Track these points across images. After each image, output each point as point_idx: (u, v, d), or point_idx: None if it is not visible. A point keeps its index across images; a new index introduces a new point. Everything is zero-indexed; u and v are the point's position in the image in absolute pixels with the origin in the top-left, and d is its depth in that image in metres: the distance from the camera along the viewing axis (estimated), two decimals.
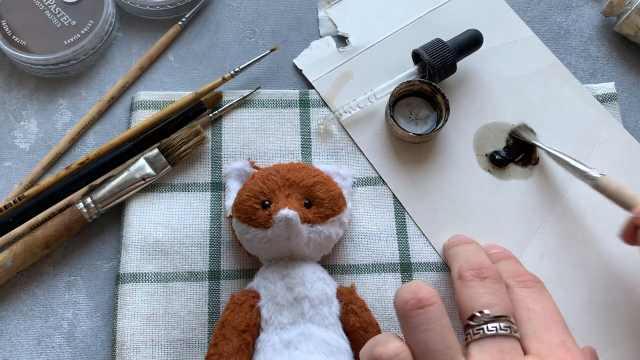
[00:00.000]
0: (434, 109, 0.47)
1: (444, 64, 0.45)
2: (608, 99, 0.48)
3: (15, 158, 0.46)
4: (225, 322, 0.36)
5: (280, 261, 0.39)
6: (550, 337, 0.33)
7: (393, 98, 0.46)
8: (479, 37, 0.47)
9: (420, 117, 0.47)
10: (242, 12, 0.52)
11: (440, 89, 0.45)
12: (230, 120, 0.47)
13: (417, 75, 0.47)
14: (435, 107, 0.47)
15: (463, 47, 0.46)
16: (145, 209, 0.44)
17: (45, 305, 0.42)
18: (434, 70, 0.45)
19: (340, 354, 0.35)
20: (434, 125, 0.46)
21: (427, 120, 0.47)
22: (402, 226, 0.44)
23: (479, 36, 0.47)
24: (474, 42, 0.47)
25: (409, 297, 0.32)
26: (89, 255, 0.44)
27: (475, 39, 0.47)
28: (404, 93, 0.47)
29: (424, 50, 0.45)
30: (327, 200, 0.39)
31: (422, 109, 0.47)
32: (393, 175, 0.45)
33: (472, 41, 0.47)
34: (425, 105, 0.47)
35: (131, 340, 0.40)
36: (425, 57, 0.45)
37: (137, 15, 0.51)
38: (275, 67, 0.50)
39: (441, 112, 0.46)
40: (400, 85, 0.45)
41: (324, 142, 0.46)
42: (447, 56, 0.45)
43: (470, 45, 0.47)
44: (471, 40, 0.47)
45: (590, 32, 0.52)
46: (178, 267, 0.42)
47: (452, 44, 0.46)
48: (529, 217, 0.44)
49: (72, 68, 0.49)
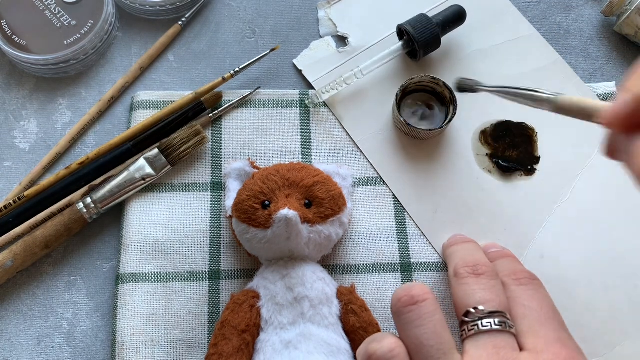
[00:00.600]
0: (441, 106, 0.47)
1: (428, 38, 0.46)
2: (609, 99, 0.48)
3: (15, 158, 0.46)
4: (225, 322, 0.36)
5: (280, 261, 0.39)
6: (547, 333, 0.33)
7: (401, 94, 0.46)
8: (462, 13, 0.48)
9: (427, 113, 0.47)
10: (242, 12, 0.52)
11: (455, 99, 0.45)
12: (230, 120, 0.47)
13: (402, 51, 0.48)
14: (442, 103, 0.47)
15: (447, 22, 0.48)
16: (145, 209, 0.44)
17: (45, 305, 0.42)
18: (419, 45, 0.46)
19: (340, 354, 0.35)
20: (440, 121, 0.46)
21: (433, 116, 0.47)
22: (402, 226, 0.44)
23: (462, 11, 0.48)
24: (457, 17, 0.48)
25: (402, 294, 0.33)
26: (89, 255, 0.44)
27: (459, 14, 0.48)
28: (412, 89, 0.47)
29: (409, 25, 0.47)
30: (327, 200, 0.39)
31: (427, 105, 0.47)
32: (393, 175, 0.45)
33: (456, 16, 0.48)
34: (432, 101, 0.47)
35: (131, 340, 0.40)
36: (410, 32, 0.46)
37: (137, 15, 0.51)
38: (275, 67, 0.50)
39: (448, 108, 0.46)
40: (424, 77, 0.46)
41: (324, 142, 0.46)
42: (432, 30, 0.46)
43: (454, 20, 0.48)
44: (455, 15, 0.48)
45: (590, 32, 0.52)
46: (178, 267, 0.42)
47: (436, 19, 0.47)
48: (529, 217, 0.44)
49: (72, 68, 0.49)
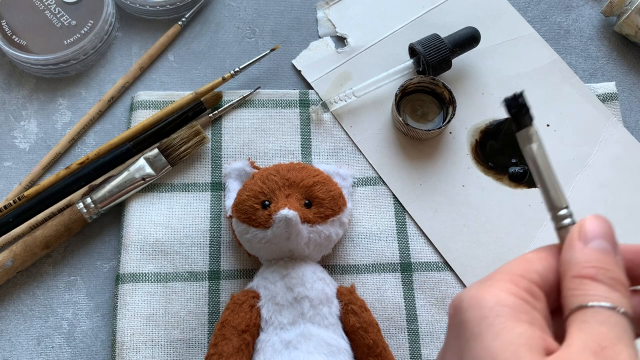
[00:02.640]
0: (440, 106, 0.47)
1: (438, 60, 0.46)
2: (609, 99, 0.48)
3: (15, 158, 0.46)
4: (225, 322, 0.36)
5: (280, 261, 0.39)
6: None
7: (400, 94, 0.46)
8: (476, 35, 0.47)
9: (426, 114, 0.47)
10: (242, 12, 0.52)
11: (455, 99, 0.45)
12: (230, 120, 0.47)
13: (412, 69, 0.47)
14: (442, 104, 0.47)
15: (459, 43, 0.47)
16: (145, 209, 0.43)
17: (45, 305, 0.42)
18: (428, 64, 0.46)
19: (340, 354, 0.35)
20: (439, 122, 0.46)
21: (432, 117, 0.47)
22: (402, 226, 0.44)
23: (476, 34, 0.47)
24: (471, 39, 0.47)
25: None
26: (89, 255, 0.44)
27: (472, 36, 0.47)
28: (411, 90, 0.47)
29: (420, 45, 0.46)
30: (327, 200, 0.39)
31: (427, 106, 0.47)
32: (393, 175, 0.45)
33: (469, 38, 0.47)
34: (431, 102, 0.47)
35: (131, 340, 0.40)
36: (420, 52, 0.46)
37: (137, 15, 0.51)
38: (275, 67, 0.50)
39: (447, 108, 0.46)
40: (423, 78, 0.46)
41: (324, 142, 0.46)
42: (443, 52, 0.45)
43: (467, 42, 0.47)
44: (468, 37, 0.47)
45: (590, 32, 0.52)
46: (178, 267, 0.42)
47: (449, 40, 0.46)
48: (530, 216, 0.44)
49: (72, 68, 0.49)
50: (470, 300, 0.26)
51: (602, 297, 0.24)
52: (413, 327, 0.41)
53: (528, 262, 0.27)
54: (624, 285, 0.25)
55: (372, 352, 0.36)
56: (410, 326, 0.41)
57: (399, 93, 0.46)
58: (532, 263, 0.27)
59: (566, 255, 0.27)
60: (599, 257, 0.26)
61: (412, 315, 0.41)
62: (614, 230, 0.27)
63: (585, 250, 0.26)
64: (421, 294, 0.42)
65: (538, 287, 0.26)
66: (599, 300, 0.24)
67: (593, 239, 0.27)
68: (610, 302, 0.24)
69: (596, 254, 0.26)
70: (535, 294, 0.26)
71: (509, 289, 0.26)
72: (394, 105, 0.45)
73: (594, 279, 0.25)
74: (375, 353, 0.36)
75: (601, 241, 0.27)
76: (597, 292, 0.25)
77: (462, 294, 0.27)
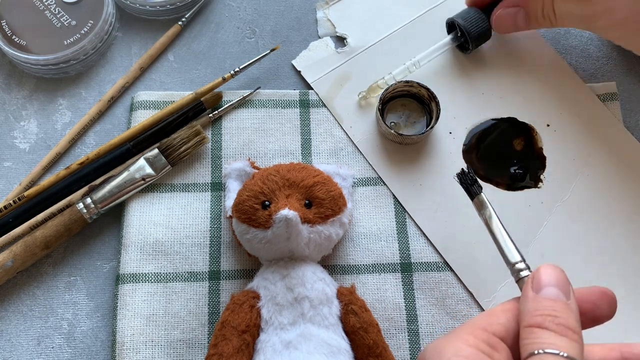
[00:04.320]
0: (425, 114, 0.47)
1: (479, 31, 0.47)
2: (609, 99, 0.48)
3: (15, 158, 0.46)
4: (225, 322, 0.36)
5: (280, 261, 0.39)
6: None
7: (387, 96, 0.46)
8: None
9: (412, 118, 0.47)
10: (242, 12, 0.52)
11: (435, 95, 0.45)
12: (230, 121, 0.47)
13: (451, 44, 0.48)
14: (422, 103, 0.47)
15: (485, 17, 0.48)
16: (145, 209, 0.43)
17: (45, 305, 0.42)
18: (471, 37, 0.47)
19: (340, 354, 0.35)
20: (427, 120, 0.46)
21: (417, 123, 0.47)
22: (402, 226, 0.44)
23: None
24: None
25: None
26: (89, 256, 0.44)
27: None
28: (399, 93, 0.47)
29: (461, 19, 0.47)
30: (327, 201, 0.39)
31: (414, 111, 0.47)
32: (393, 175, 0.45)
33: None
34: (418, 108, 0.47)
35: (131, 341, 0.40)
36: (462, 25, 0.47)
37: (137, 15, 0.51)
38: (275, 67, 0.50)
39: (429, 105, 0.46)
40: (397, 84, 0.46)
41: (324, 142, 0.46)
42: (482, 23, 0.47)
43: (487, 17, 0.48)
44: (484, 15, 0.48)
45: (591, 32, 0.52)
46: (178, 267, 0.42)
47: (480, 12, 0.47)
48: (530, 217, 0.44)
49: (72, 68, 0.49)
50: (432, 352, 0.28)
51: (547, 343, 0.26)
52: (413, 328, 0.41)
53: (491, 315, 0.29)
54: (572, 329, 0.27)
55: (372, 352, 0.36)
56: (410, 326, 0.41)
57: (379, 105, 0.45)
58: (496, 316, 0.29)
59: (521, 306, 0.29)
60: (549, 305, 0.27)
61: (412, 315, 0.41)
62: (565, 277, 0.29)
63: (536, 299, 0.28)
64: (421, 294, 0.42)
65: (500, 339, 0.28)
66: (545, 347, 0.26)
67: (545, 287, 0.28)
68: (554, 348, 0.26)
69: (546, 302, 0.28)
70: (495, 345, 0.28)
71: (468, 340, 0.27)
72: (379, 118, 0.45)
73: (541, 326, 0.27)
74: (376, 353, 0.36)
75: (552, 289, 0.28)
76: (543, 339, 0.26)
77: (427, 346, 0.29)
